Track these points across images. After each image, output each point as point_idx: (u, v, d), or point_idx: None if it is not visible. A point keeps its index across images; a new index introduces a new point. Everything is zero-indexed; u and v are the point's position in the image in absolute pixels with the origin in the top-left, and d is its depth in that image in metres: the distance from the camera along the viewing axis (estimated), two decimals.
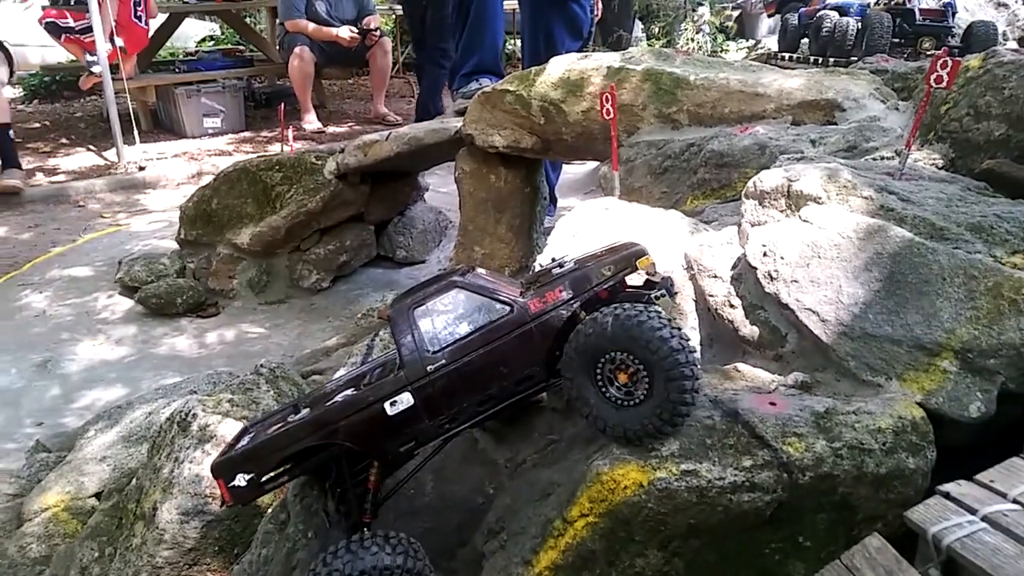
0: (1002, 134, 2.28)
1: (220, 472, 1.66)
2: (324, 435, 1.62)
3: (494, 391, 1.66)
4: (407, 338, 1.60)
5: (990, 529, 1.18)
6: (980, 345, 1.62)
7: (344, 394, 1.74)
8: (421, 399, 1.61)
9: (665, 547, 1.54)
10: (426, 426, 1.66)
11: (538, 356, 1.63)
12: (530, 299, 1.62)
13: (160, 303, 4.27)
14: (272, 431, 1.69)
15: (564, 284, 1.62)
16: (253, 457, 1.65)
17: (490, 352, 1.60)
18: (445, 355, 1.59)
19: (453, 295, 1.62)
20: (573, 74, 3.31)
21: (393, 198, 4.67)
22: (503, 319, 1.61)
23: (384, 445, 1.68)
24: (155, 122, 8.29)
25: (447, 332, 1.61)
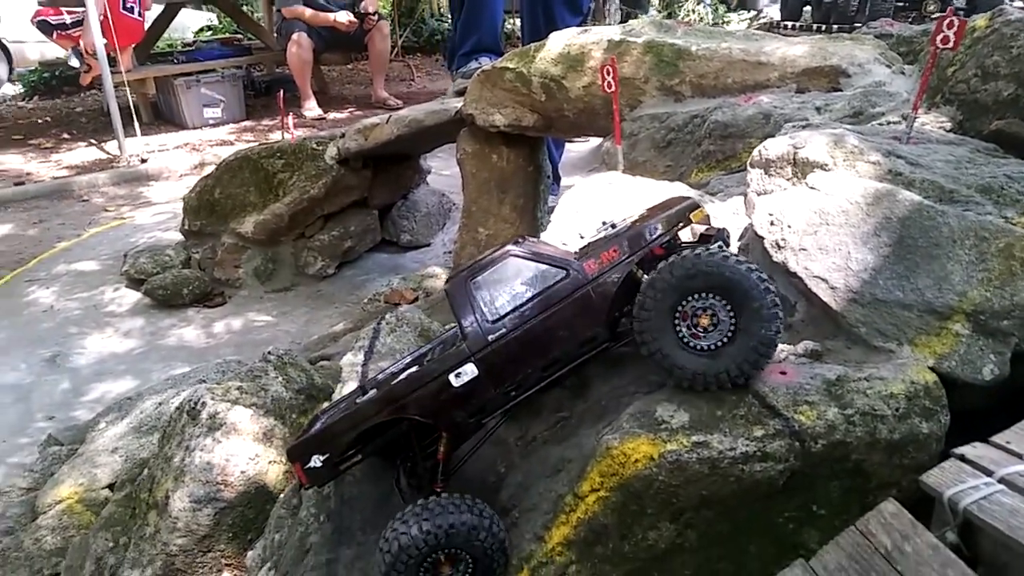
0: (1011, 94, 2.24)
1: (296, 455, 1.71)
2: (393, 411, 1.65)
3: (557, 355, 1.66)
4: (466, 310, 1.62)
5: (1007, 491, 1.16)
6: (992, 307, 1.59)
7: (409, 372, 1.76)
8: (485, 369, 1.62)
9: (677, 519, 1.53)
10: (492, 395, 1.67)
11: (599, 317, 1.63)
12: (585, 260, 1.61)
13: (166, 294, 4.27)
14: (343, 413, 1.71)
15: (619, 244, 1.61)
16: (326, 438, 1.68)
17: (549, 318, 1.60)
18: (505, 324, 1.60)
19: (508, 264, 1.62)
20: (573, 49, 3.27)
21: (396, 182, 4.65)
22: (560, 283, 1.60)
23: (452, 416, 1.69)
24: (156, 114, 8.27)
25: (505, 301, 1.61)
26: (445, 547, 1.59)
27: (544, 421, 2.08)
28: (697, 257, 1.47)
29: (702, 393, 1.60)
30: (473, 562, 1.62)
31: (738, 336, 1.49)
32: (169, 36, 10.69)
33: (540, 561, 1.61)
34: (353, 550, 1.91)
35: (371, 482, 2.10)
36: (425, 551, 1.58)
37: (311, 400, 2.54)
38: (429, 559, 1.60)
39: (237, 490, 2.22)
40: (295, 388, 2.54)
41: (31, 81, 9.83)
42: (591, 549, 1.58)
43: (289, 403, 2.47)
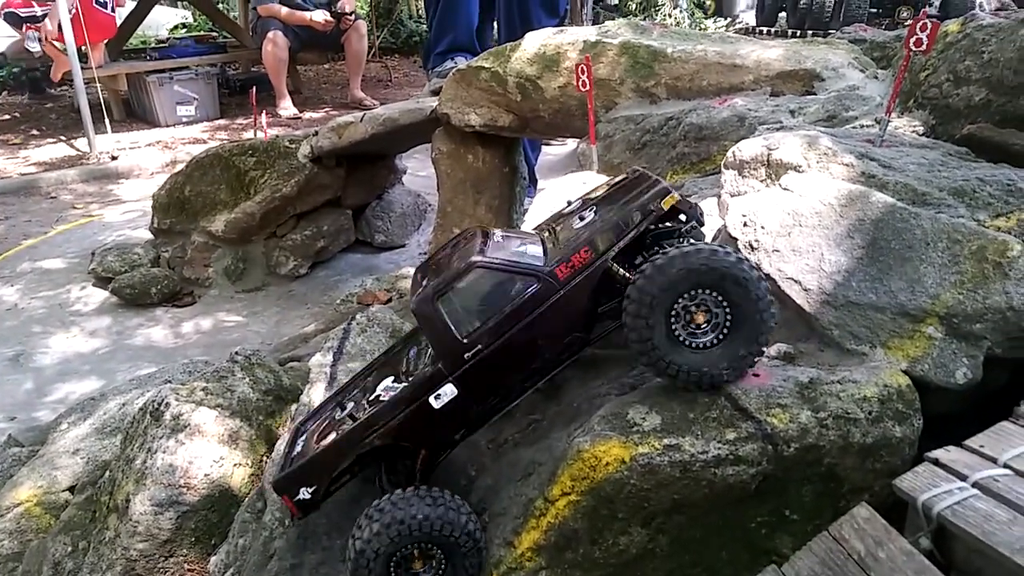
0: (982, 99, 2.25)
1: (283, 489, 1.68)
2: (376, 438, 1.61)
3: (537, 365, 1.62)
4: (437, 329, 1.56)
5: (981, 495, 1.15)
6: (965, 310, 1.59)
7: (386, 386, 1.71)
8: (464, 387, 1.58)
9: (649, 524, 1.51)
10: (475, 411, 1.64)
11: (575, 321, 1.59)
12: (556, 265, 1.55)
13: (134, 293, 4.19)
14: (324, 442, 1.68)
15: (589, 243, 1.55)
16: (310, 471, 1.66)
17: (525, 329, 1.55)
18: (480, 340, 1.55)
19: (475, 276, 1.56)
20: (549, 49, 3.25)
21: (370, 182, 4.59)
22: (532, 292, 1.55)
23: (436, 437, 1.67)
24: (128, 111, 8.13)
25: (477, 315, 1.55)
26: (417, 540, 1.55)
27: (516, 424, 2.05)
28: (685, 256, 1.43)
29: (674, 395, 1.58)
30: (446, 559, 1.58)
31: (735, 329, 1.47)
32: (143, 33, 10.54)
33: (510, 567, 1.58)
34: (318, 555, 1.86)
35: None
36: (397, 541, 1.53)
37: (279, 401, 2.49)
38: (401, 552, 1.56)
39: (200, 493, 2.16)
40: (262, 389, 2.48)
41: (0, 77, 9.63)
42: (561, 554, 1.55)
43: (256, 404, 2.42)
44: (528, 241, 1.68)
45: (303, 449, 1.78)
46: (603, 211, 1.64)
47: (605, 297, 1.60)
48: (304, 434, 1.87)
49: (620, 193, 1.67)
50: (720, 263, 1.42)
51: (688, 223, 1.60)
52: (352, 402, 1.79)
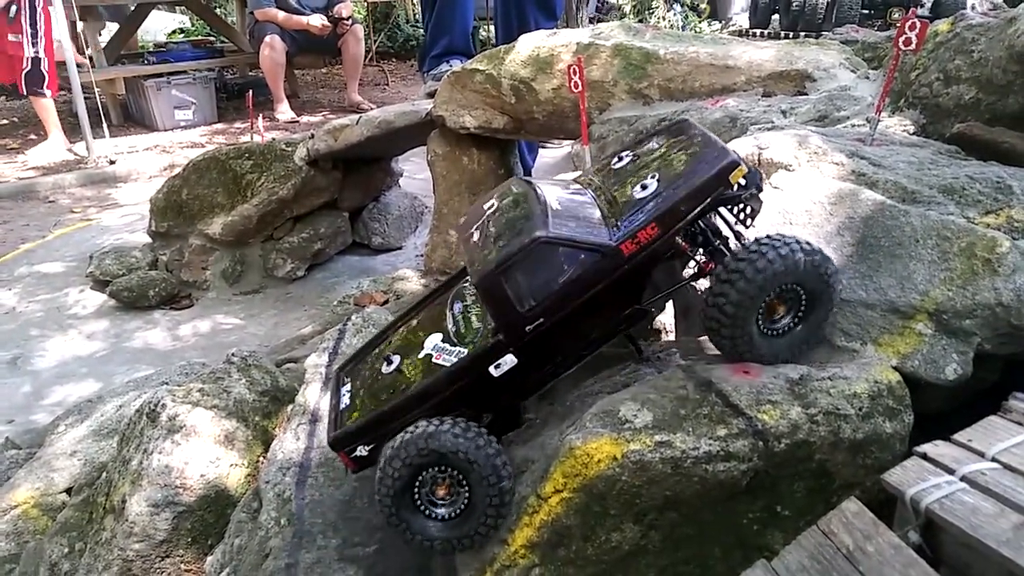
0: (972, 98, 2.26)
1: (340, 445, 1.70)
2: (435, 405, 1.62)
3: (596, 335, 1.63)
4: (500, 303, 1.55)
5: (969, 489, 1.15)
6: (955, 306, 1.60)
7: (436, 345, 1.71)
8: (524, 358, 1.59)
9: (641, 520, 1.51)
10: (532, 378, 1.65)
11: (636, 293, 1.59)
12: (621, 241, 1.53)
13: (132, 296, 4.19)
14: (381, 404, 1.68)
15: (657, 219, 1.53)
16: (367, 430, 1.67)
17: (586, 302, 1.55)
18: (541, 313, 1.55)
19: (539, 252, 1.53)
20: (543, 51, 3.27)
21: (367, 184, 4.60)
22: (595, 267, 1.53)
23: (494, 403, 1.68)
24: (126, 116, 8.15)
25: (539, 288, 1.54)
26: (436, 460, 1.54)
27: None
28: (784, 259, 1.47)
29: (665, 392, 1.59)
30: (470, 492, 1.57)
31: (807, 319, 1.57)
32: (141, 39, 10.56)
33: (503, 564, 1.58)
34: (313, 554, 1.87)
35: (334, 486, 2.06)
36: (416, 459, 1.54)
37: (275, 402, 2.49)
38: (423, 474, 1.56)
39: (196, 494, 2.17)
40: (259, 390, 2.49)
41: None
42: (554, 551, 1.55)
43: (252, 405, 2.42)
44: (585, 204, 1.66)
45: (351, 404, 1.78)
46: (666, 180, 1.61)
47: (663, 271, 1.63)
48: (347, 385, 1.87)
49: (681, 155, 1.64)
50: (811, 262, 1.50)
51: (748, 189, 1.58)
52: (399, 356, 1.78)
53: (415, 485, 1.59)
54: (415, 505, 1.60)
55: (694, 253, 1.60)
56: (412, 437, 1.55)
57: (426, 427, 1.55)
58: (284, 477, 2.07)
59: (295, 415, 2.26)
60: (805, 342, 1.61)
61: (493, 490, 1.56)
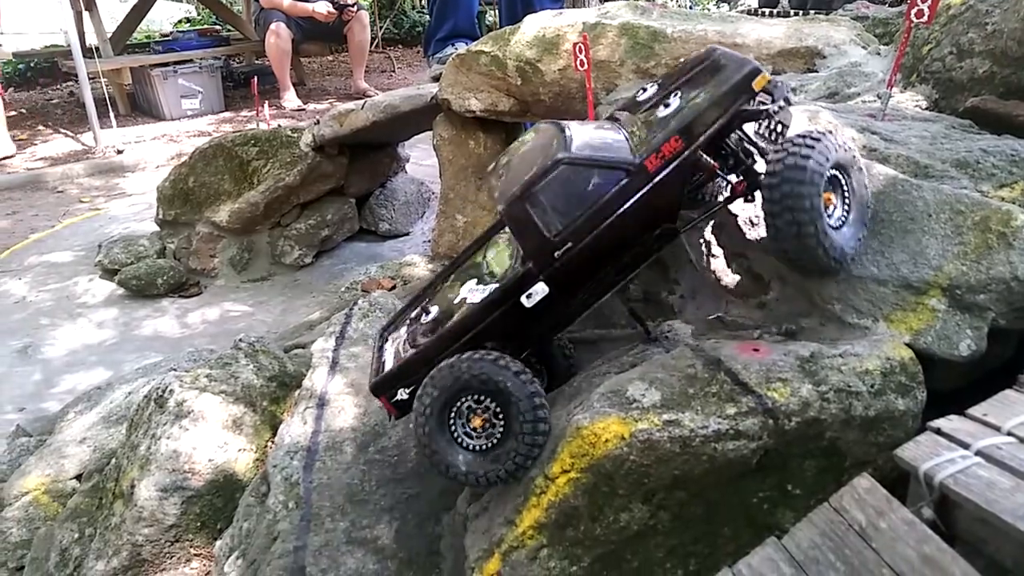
0: (986, 71, 2.22)
1: (381, 390, 1.70)
2: (468, 341, 1.61)
3: (628, 259, 1.60)
4: (526, 229, 1.53)
5: (984, 463, 1.13)
6: (969, 281, 1.57)
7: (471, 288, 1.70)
8: (555, 285, 1.56)
9: (649, 500, 1.50)
10: (566, 308, 1.63)
11: (666, 211, 1.56)
12: (645, 157, 1.50)
13: (141, 284, 4.20)
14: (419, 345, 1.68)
15: (678, 133, 1.50)
16: (407, 372, 1.66)
17: (614, 223, 1.52)
18: (569, 237, 1.52)
19: (562, 173, 1.51)
20: (548, 32, 3.23)
21: (373, 170, 4.58)
22: (621, 186, 1.51)
23: (529, 336, 1.66)
24: (133, 105, 8.15)
25: (565, 212, 1.52)
26: (470, 388, 1.53)
27: None
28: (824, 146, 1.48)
29: (673, 371, 1.57)
30: (506, 422, 1.56)
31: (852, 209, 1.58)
32: (147, 28, 10.55)
33: (511, 545, 1.57)
34: (321, 537, 1.87)
35: (342, 469, 2.06)
36: (451, 386, 1.53)
37: (283, 387, 2.49)
38: (458, 403, 1.56)
39: (205, 479, 2.17)
40: (266, 375, 2.49)
41: (6, 73, 9.67)
42: (562, 532, 1.54)
43: (260, 390, 2.42)
44: (609, 131, 1.63)
45: (393, 355, 1.78)
46: (689, 96, 1.58)
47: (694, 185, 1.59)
48: (388, 341, 1.87)
49: (704, 75, 1.61)
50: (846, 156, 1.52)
51: (775, 102, 1.55)
52: (436, 306, 1.78)
53: (451, 415, 1.57)
54: (450, 436, 1.58)
55: (725, 173, 1.56)
56: (449, 364, 1.54)
57: (463, 355, 1.54)
58: (292, 461, 2.07)
59: (302, 399, 2.25)
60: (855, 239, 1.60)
61: (527, 424, 1.53)
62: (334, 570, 1.80)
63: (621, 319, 2.17)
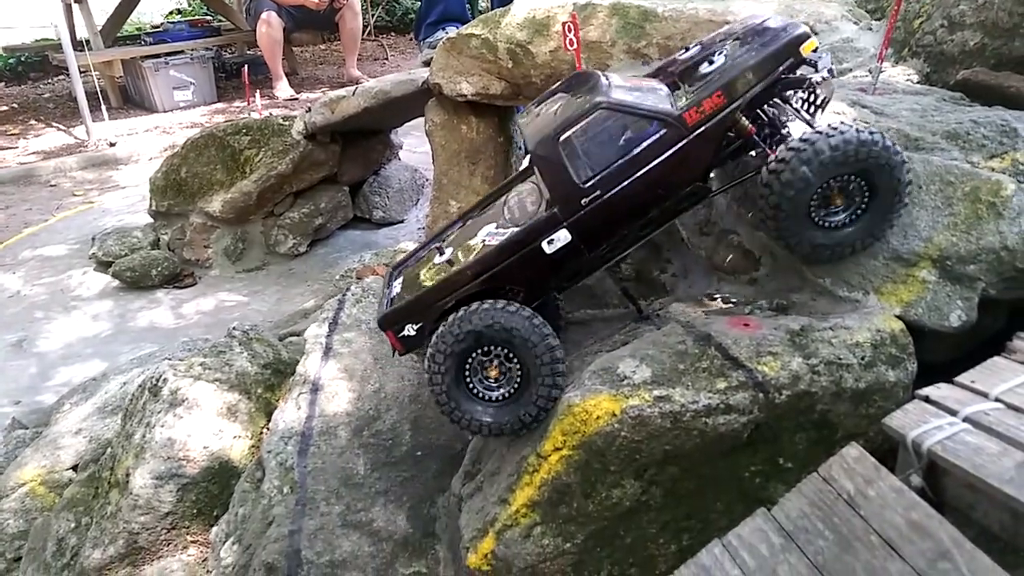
0: (977, 43, 2.20)
1: (388, 324, 1.67)
2: (483, 281, 1.59)
3: (655, 214, 1.57)
4: (556, 172, 1.50)
5: (972, 429, 1.13)
6: (959, 251, 1.57)
7: (489, 231, 1.68)
8: (579, 234, 1.53)
9: (641, 476, 1.50)
10: (587, 259, 1.60)
11: (700, 168, 1.53)
12: (685, 109, 1.48)
13: (135, 276, 4.19)
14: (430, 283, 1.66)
15: (722, 88, 1.47)
16: (417, 308, 1.64)
17: (646, 175, 1.49)
18: (599, 185, 1.49)
19: (599, 118, 1.48)
20: (539, 13, 3.20)
21: (366, 157, 4.56)
22: (658, 137, 1.48)
23: (546, 283, 1.64)
24: (124, 98, 8.10)
25: (598, 159, 1.49)
26: (485, 338, 1.53)
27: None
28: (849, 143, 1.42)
29: (664, 348, 1.57)
30: (522, 372, 1.55)
31: (870, 209, 1.51)
32: (137, 20, 10.48)
33: (505, 524, 1.57)
34: (316, 521, 1.87)
35: (336, 454, 2.06)
36: (464, 338, 1.52)
37: (278, 374, 2.49)
38: (474, 354, 1.55)
39: (200, 466, 2.17)
40: (261, 363, 2.48)
41: None
42: (555, 509, 1.54)
43: (255, 378, 2.42)
44: (650, 82, 1.61)
45: (403, 291, 1.76)
46: (734, 54, 1.55)
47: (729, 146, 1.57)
48: (400, 277, 1.86)
49: (751, 36, 1.58)
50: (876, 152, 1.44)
51: (822, 70, 1.52)
52: (451, 247, 1.75)
53: (466, 370, 1.56)
54: (468, 390, 1.58)
55: (760, 139, 1.54)
56: (465, 314, 1.52)
57: (479, 305, 1.53)
58: (286, 446, 2.07)
59: (296, 385, 2.25)
60: (873, 231, 1.54)
61: (546, 369, 1.52)
62: (329, 553, 1.80)
63: (613, 298, 2.17)
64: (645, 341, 1.64)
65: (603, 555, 1.55)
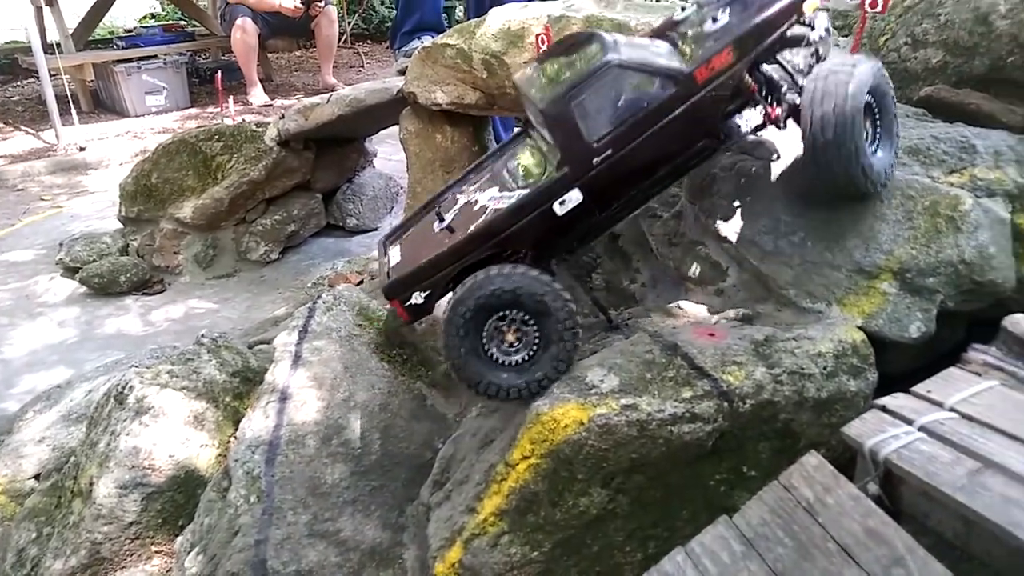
0: (940, 61, 2.26)
1: (395, 292, 1.65)
2: (494, 245, 1.57)
3: (665, 171, 1.58)
4: (567, 131, 1.49)
5: (927, 438, 1.16)
6: (919, 264, 1.60)
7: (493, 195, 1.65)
8: (590, 193, 1.52)
9: (608, 484, 1.51)
10: (597, 219, 1.60)
11: (709, 126, 1.54)
12: (695, 67, 1.48)
13: (103, 282, 4.13)
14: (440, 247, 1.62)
15: (732, 44, 1.49)
16: (426, 275, 1.61)
17: (657, 133, 1.49)
18: (610, 144, 1.49)
19: (611, 75, 1.47)
20: (514, 24, 3.22)
21: (340, 164, 4.55)
22: (668, 95, 1.48)
23: (556, 243, 1.62)
24: (96, 102, 8.00)
25: (609, 118, 1.48)
26: (499, 304, 1.50)
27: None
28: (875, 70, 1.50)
29: (632, 357, 1.58)
30: (540, 334, 1.53)
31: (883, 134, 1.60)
32: (110, 23, 10.38)
33: (473, 533, 1.58)
34: (283, 531, 1.85)
35: (304, 463, 2.04)
36: (482, 301, 1.50)
37: (247, 383, 2.47)
38: (491, 317, 1.52)
39: (166, 475, 2.14)
40: (229, 371, 2.46)
41: None
42: (523, 518, 1.55)
43: (223, 386, 2.40)
44: (655, 43, 1.62)
45: (405, 259, 1.73)
46: (739, 12, 1.57)
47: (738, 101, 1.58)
48: (396, 246, 1.82)
49: None
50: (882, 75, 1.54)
51: (821, 31, 1.56)
52: (451, 213, 1.72)
53: (483, 334, 1.54)
54: (485, 353, 1.56)
55: (762, 98, 1.56)
56: (484, 278, 1.50)
57: (496, 269, 1.51)
58: (253, 455, 2.05)
59: (264, 393, 2.23)
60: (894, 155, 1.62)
61: (568, 333, 1.52)
62: (296, 563, 1.79)
63: (584, 308, 2.18)
64: (614, 350, 1.66)
65: (570, 563, 1.56)
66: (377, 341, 2.42)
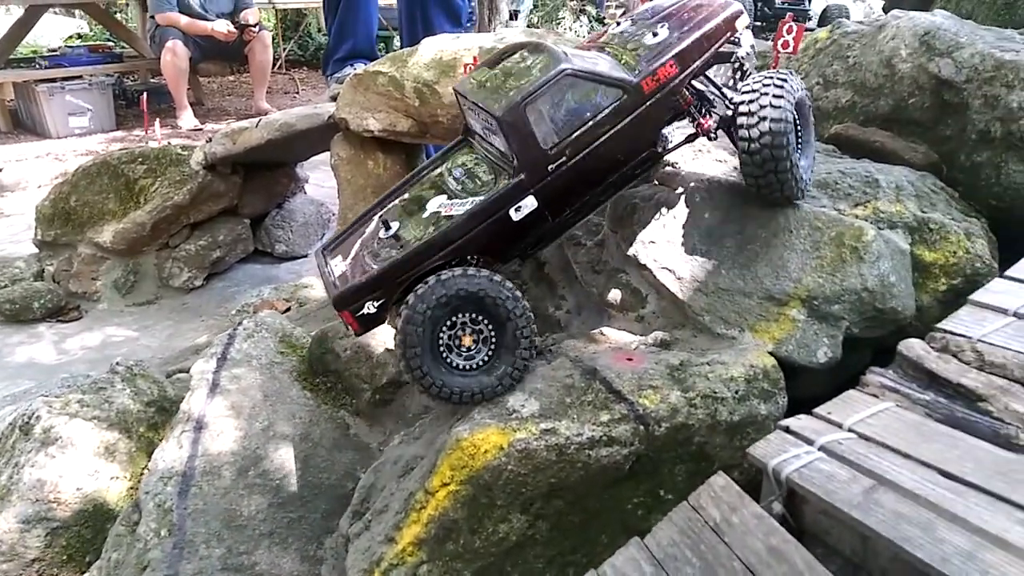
0: (849, 100, 2.37)
1: (346, 303, 1.60)
2: (450, 253, 1.56)
3: (615, 179, 1.63)
4: (523, 138, 1.51)
5: (826, 457, 1.20)
6: (825, 292, 1.67)
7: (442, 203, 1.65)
8: (544, 200, 1.55)
9: (528, 510, 1.51)
10: (551, 224, 1.62)
11: (653, 134, 1.60)
12: (642, 78, 1.54)
13: (15, 309, 3.95)
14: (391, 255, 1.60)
15: (676, 57, 1.56)
16: (379, 284, 1.58)
17: (608, 141, 1.54)
18: (564, 151, 1.53)
19: (564, 83, 1.50)
20: (446, 55, 3.26)
21: (269, 190, 4.48)
22: (618, 105, 1.53)
23: (510, 249, 1.64)
24: (15, 122, 7.72)
25: (562, 126, 1.52)
26: (457, 308, 1.50)
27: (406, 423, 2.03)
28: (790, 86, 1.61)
29: (553, 382, 1.60)
30: (496, 337, 1.54)
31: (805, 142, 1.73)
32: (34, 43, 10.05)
33: (391, 563, 1.55)
34: (195, 565, 1.79)
35: (219, 495, 1.98)
36: (438, 305, 1.49)
37: (163, 412, 2.39)
38: (447, 322, 1.52)
39: (72, 508, 2.05)
40: (144, 400, 2.38)
41: None
42: (442, 546, 1.53)
43: (137, 416, 2.32)
44: (597, 54, 1.65)
45: (353, 269, 1.69)
46: (678, 28, 1.64)
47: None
48: (337, 256, 1.79)
49: (689, 11, 1.69)
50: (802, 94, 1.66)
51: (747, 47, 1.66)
52: (397, 221, 1.70)
53: (439, 337, 1.54)
54: (441, 357, 1.55)
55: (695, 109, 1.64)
56: (438, 282, 1.50)
57: (453, 273, 1.51)
58: (165, 487, 1.98)
59: (179, 423, 2.16)
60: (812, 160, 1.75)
61: (524, 331, 1.54)
62: None
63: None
64: (536, 375, 1.67)
65: None
66: (299, 369, 2.38)
